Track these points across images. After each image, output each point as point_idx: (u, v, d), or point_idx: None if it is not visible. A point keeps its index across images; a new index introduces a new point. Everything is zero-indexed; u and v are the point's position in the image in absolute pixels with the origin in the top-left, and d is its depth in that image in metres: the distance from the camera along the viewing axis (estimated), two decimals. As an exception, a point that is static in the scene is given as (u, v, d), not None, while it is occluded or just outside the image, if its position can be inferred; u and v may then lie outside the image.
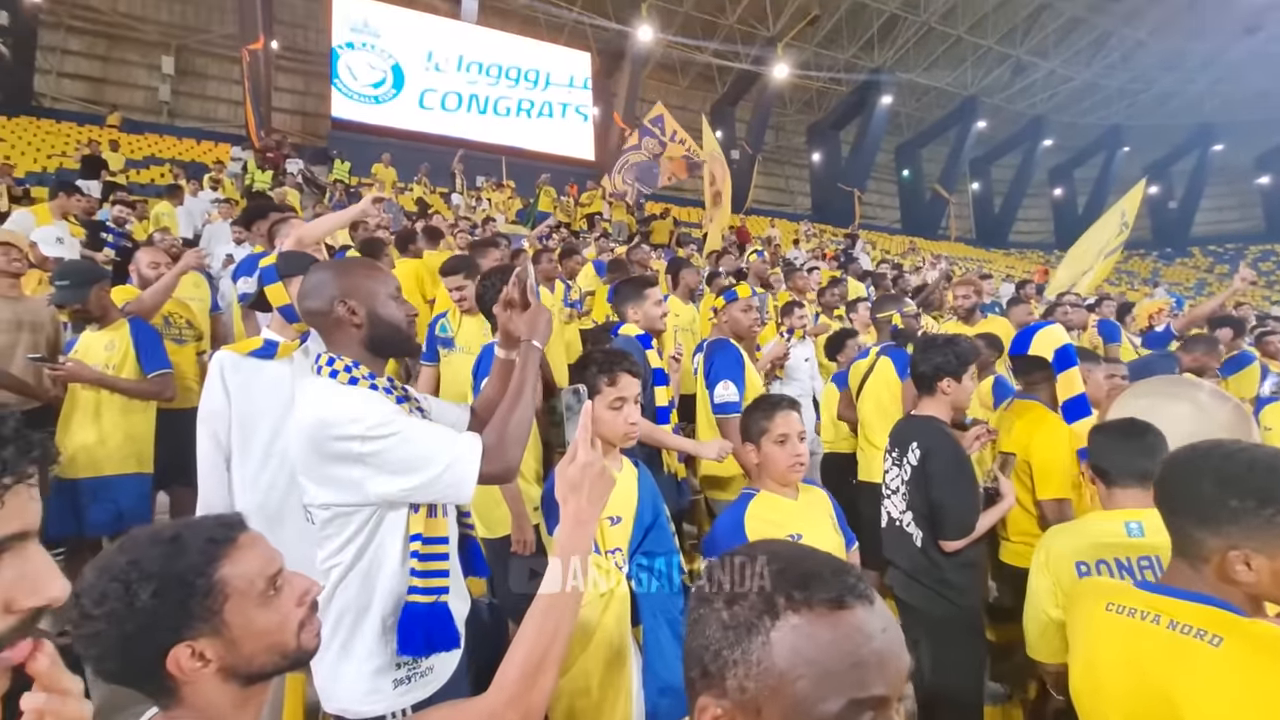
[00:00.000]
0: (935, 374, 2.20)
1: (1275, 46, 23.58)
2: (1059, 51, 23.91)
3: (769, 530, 1.73)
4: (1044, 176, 29.77)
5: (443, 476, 1.21)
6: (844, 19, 21.48)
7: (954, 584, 2.11)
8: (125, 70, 16.98)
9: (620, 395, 1.66)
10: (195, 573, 0.77)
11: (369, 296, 1.35)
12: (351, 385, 1.29)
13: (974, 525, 2.08)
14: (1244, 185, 29.49)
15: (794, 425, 1.81)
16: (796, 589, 0.57)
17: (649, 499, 1.73)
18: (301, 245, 2.52)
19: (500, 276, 2.35)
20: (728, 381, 2.70)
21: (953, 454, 2.12)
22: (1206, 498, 1.04)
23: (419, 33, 16.89)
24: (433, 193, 13.10)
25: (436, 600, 1.33)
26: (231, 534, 0.83)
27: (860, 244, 14.02)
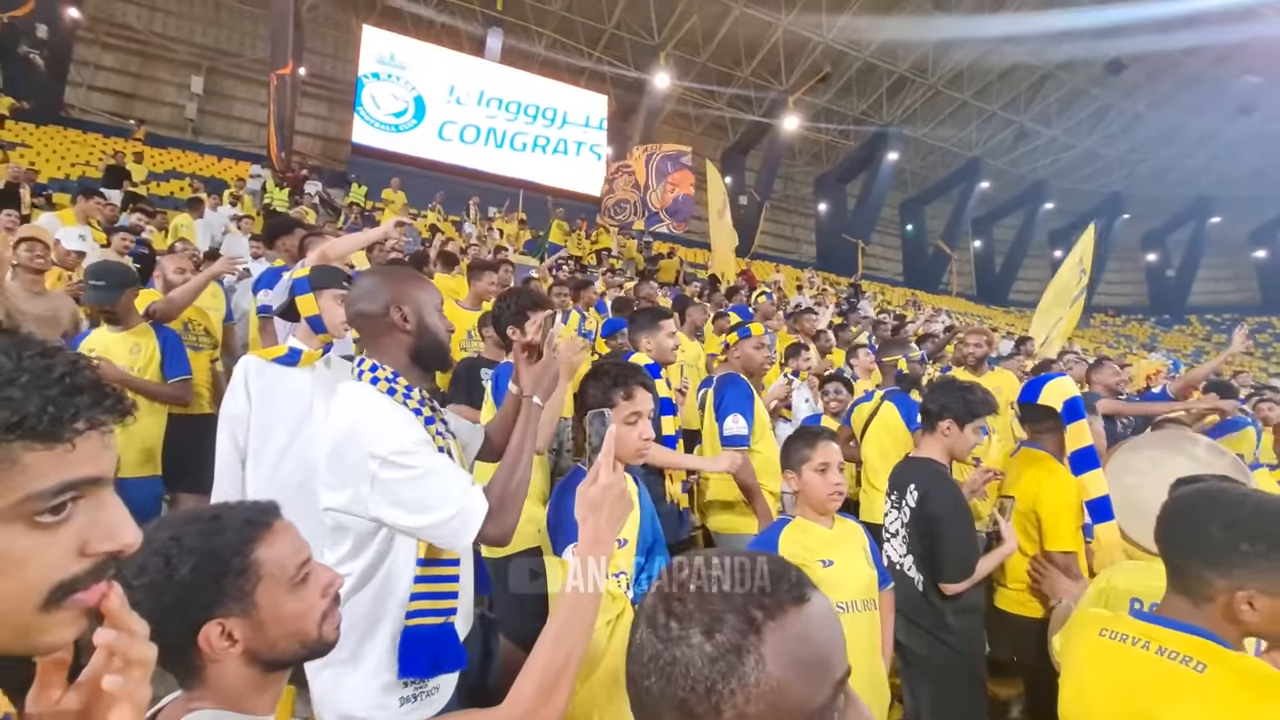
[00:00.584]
0: (939, 413, 2.22)
1: (1270, 126, 24.37)
2: (1061, 120, 24.69)
3: (802, 555, 1.75)
4: (1045, 238, 30.33)
5: (445, 525, 1.21)
6: (855, 78, 22.23)
7: (955, 629, 2.09)
8: (154, 87, 17.49)
9: (636, 410, 1.63)
10: (232, 551, 0.79)
11: (420, 305, 1.37)
12: (389, 396, 1.30)
13: (974, 567, 2.07)
14: (1240, 258, 30.08)
15: (834, 455, 1.86)
16: (764, 595, 0.56)
17: (648, 519, 1.73)
18: (325, 260, 2.58)
19: (516, 298, 2.39)
20: (738, 415, 2.71)
21: (950, 495, 2.13)
22: (1216, 541, 1.07)
23: (443, 67, 17.46)
24: (445, 220, 13.33)
25: (445, 621, 1.32)
26: (268, 519, 0.86)
27: (865, 297, 14.21)
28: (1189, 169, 27.93)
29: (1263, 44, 20.99)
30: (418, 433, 1.26)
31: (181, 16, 17.83)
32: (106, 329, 2.79)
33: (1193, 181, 28.55)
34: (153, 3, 17.48)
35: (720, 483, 2.87)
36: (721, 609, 0.55)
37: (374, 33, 16.80)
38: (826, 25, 19.62)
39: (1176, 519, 1.15)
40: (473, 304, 4.00)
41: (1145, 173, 28.27)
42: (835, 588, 1.73)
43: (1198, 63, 22.20)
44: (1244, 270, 30.24)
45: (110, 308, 2.74)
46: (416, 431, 1.26)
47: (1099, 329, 26.44)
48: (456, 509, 1.20)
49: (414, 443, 1.22)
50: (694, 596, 0.57)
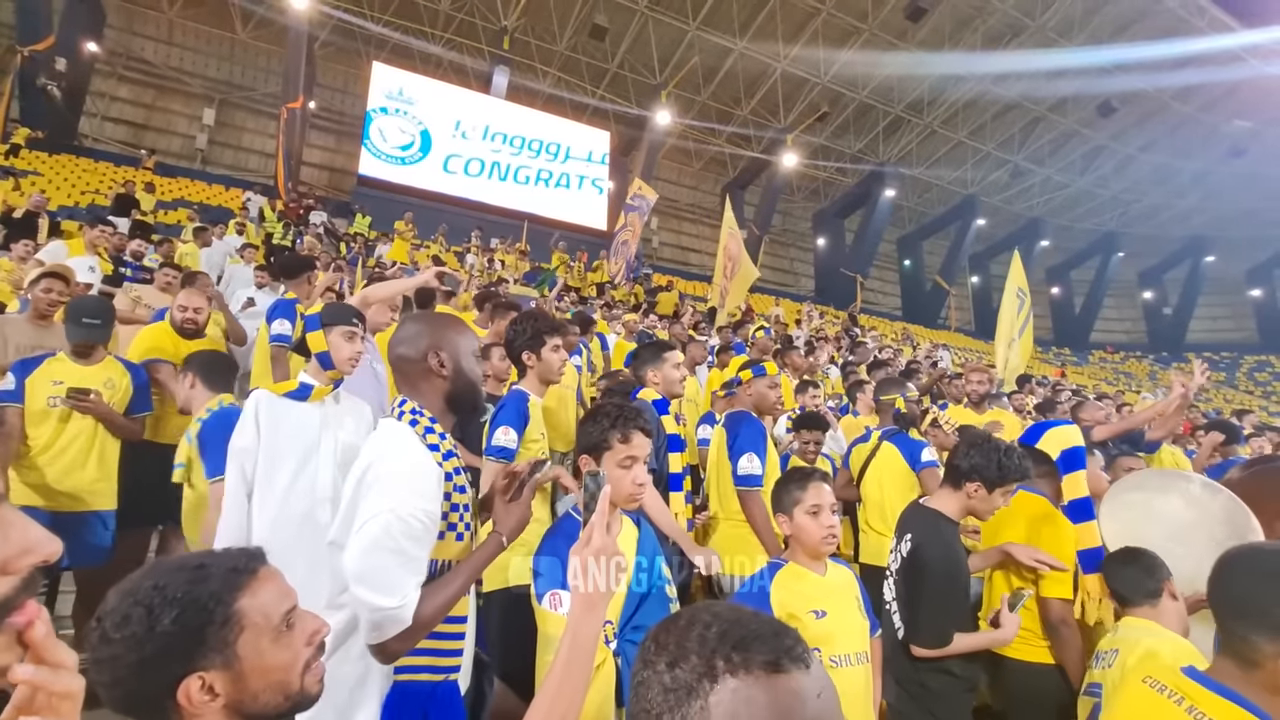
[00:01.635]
0: (968, 473, 2.04)
1: (1261, 169, 24.85)
2: (1054, 160, 25.19)
3: (795, 602, 1.68)
4: (1042, 275, 30.63)
5: (373, 612, 1.15)
6: (852, 117, 22.76)
7: (932, 690, 1.96)
8: (167, 118, 17.90)
9: (631, 454, 1.56)
10: (215, 600, 0.78)
11: (457, 352, 1.40)
12: (425, 436, 1.31)
13: (950, 638, 1.93)
14: (1237, 297, 30.35)
15: (826, 497, 1.78)
16: (735, 650, 0.56)
17: (647, 563, 1.64)
18: (367, 302, 2.66)
19: (533, 323, 2.42)
20: (752, 455, 2.67)
21: (944, 555, 1.98)
22: (1264, 604, 1.05)
23: (450, 103, 17.89)
24: (448, 251, 13.49)
25: (446, 679, 1.29)
26: (253, 565, 0.84)
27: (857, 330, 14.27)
28: (1182, 209, 28.38)
29: (1250, 90, 21.57)
30: (432, 506, 1.24)
31: (198, 52, 18.37)
32: (73, 361, 2.74)
33: (1186, 221, 28.99)
34: (170, 38, 18.02)
35: (727, 523, 2.86)
36: (692, 647, 0.57)
37: (383, 69, 17.27)
38: (824, 66, 20.17)
39: (1230, 581, 1.12)
40: (494, 341, 4.01)
41: (1139, 212, 28.71)
42: (829, 640, 1.66)
43: (1187, 107, 22.78)
44: (1241, 309, 30.48)
45: (102, 344, 2.76)
46: (426, 506, 1.23)
47: (1098, 365, 26.50)
48: (391, 606, 1.15)
49: (415, 521, 1.20)
50: (679, 629, 0.59)
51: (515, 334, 2.43)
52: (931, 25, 19.25)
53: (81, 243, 4.93)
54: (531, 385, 2.42)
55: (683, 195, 25.43)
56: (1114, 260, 29.21)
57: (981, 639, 1.99)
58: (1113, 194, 27.44)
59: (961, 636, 1.95)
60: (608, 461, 1.54)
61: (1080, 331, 30.02)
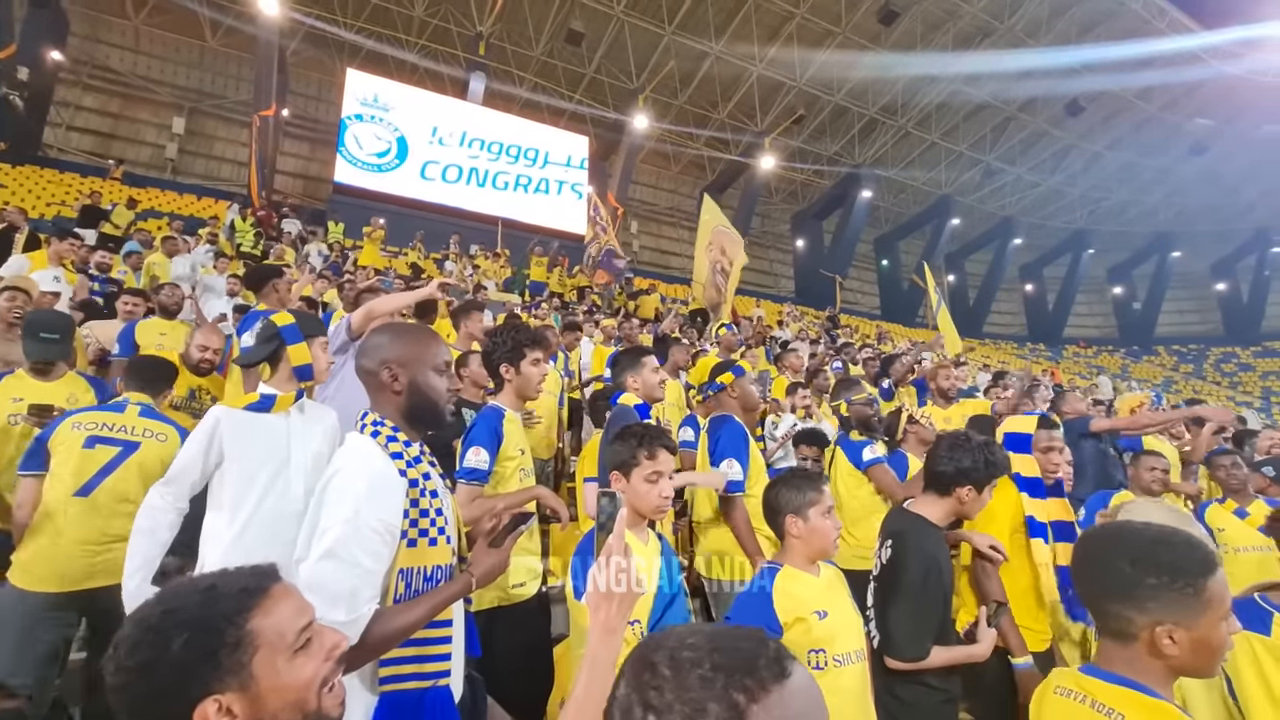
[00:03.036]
0: (956, 478, 1.98)
1: (1221, 165, 25.65)
2: (1025, 159, 25.73)
3: (796, 606, 1.68)
4: (1015, 272, 31.22)
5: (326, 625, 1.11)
6: (827, 120, 23.03)
7: (905, 702, 1.91)
8: (135, 128, 17.52)
9: (657, 469, 1.66)
10: (226, 621, 0.76)
11: (414, 365, 1.38)
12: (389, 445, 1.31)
13: (926, 652, 1.87)
14: (1202, 290, 31.21)
15: (831, 499, 1.84)
16: (745, 676, 0.53)
17: (670, 573, 1.70)
18: (371, 315, 2.62)
19: (514, 334, 2.36)
20: (733, 460, 2.65)
21: (923, 566, 1.91)
22: (1127, 578, 1.09)
23: (426, 109, 17.75)
24: (426, 258, 13.36)
25: (435, 685, 1.27)
26: (265, 584, 0.82)
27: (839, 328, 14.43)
28: (1148, 206, 29.15)
29: (1210, 89, 22.25)
30: (391, 517, 1.23)
31: (166, 60, 18.02)
32: (32, 378, 2.67)
33: (1152, 218, 29.78)
34: (137, 46, 17.67)
35: (715, 530, 2.85)
36: (703, 697, 0.52)
37: (358, 75, 17.08)
38: (799, 69, 20.39)
39: (1088, 560, 1.17)
40: (465, 346, 3.96)
41: (1107, 210, 29.42)
42: (832, 640, 1.66)
43: (1151, 106, 23.43)
44: (1206, 302, 31.35)
45: (63, 360, 2.69)
46: (391, 516, 1.23)
47: (1072, 360, 27.02)
48: (339, 620, 1.11)
49: (370, 531, 1.19)
50: (671, 684, 0.54)
51: (493, 345, 2.36)
52: (903, 28, 19.56)
53: (44, 256, 4.79)
54: (508, 400, 2.35)
55: (662, 199, 25.52)
56: (1085, 257, 29.86)
57: (957, 654, 1.93)
58: (1081, 192, 28.08)
59: (938, 651, 1.90)
60: (635, 477, 1.64)
61: (1054, 327, 30.63)
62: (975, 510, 2.05)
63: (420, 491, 1.31)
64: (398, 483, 1.27)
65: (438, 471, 1.45)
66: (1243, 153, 25.12)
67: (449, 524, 1.37)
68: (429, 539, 1.30)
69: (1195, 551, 1.09)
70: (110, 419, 2.41)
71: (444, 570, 1.33)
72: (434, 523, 1.32)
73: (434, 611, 1.27)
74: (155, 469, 2.37)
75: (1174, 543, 1.10)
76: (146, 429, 2.45)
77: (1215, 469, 3.47)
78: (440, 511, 1.34)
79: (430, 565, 1.30)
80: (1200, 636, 1.05)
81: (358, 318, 2.64)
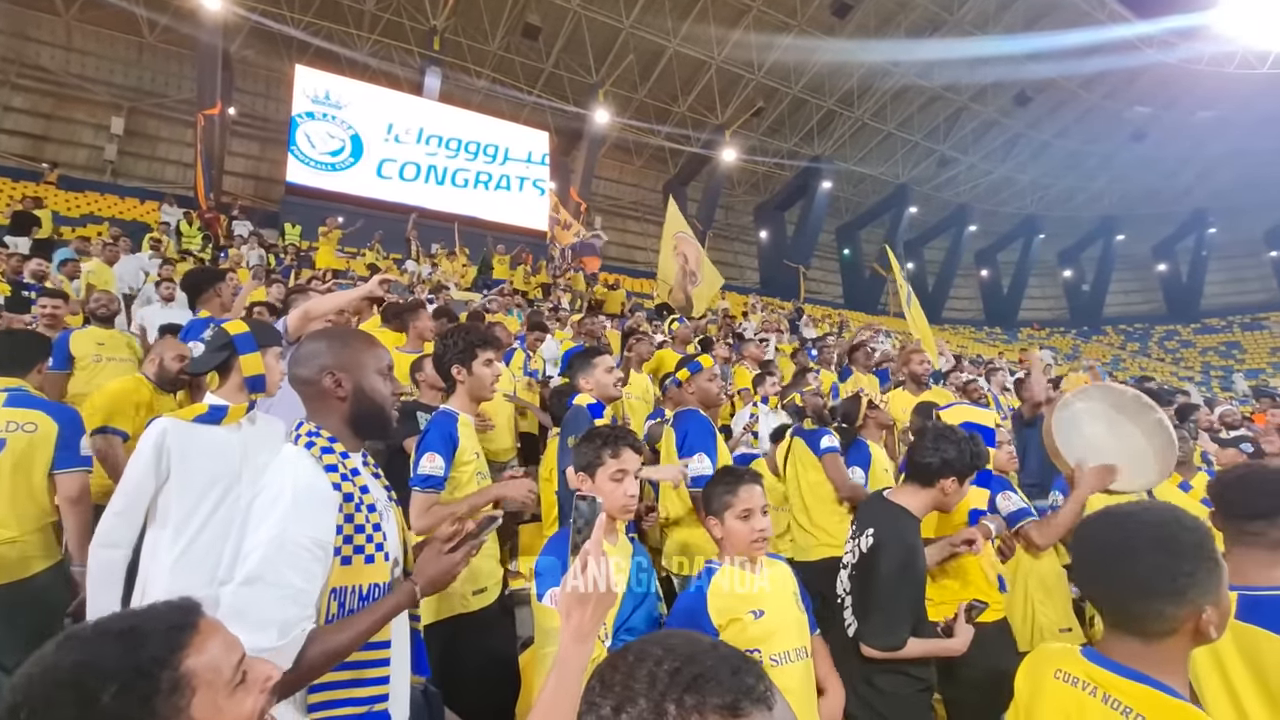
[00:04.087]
0: (940, 469, 2.00)
1: (1159, 151, 26.79)
2: (977, 148, 26.44)
3: (732, 605, 1.67)
4: (971, 258, 32.13)
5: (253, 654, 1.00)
6: (786, 112, 23.26)
7: (883, 691, 1.91)
8: (70, 129, 16.66)
9: (622, 468, 1.67)
10: (160, 665, 0.70)
11: (357, 370, 1.33)
12: (320, 461, 1.25)
13: (903, 642, 1.89)
14: (1146, 271, 32.63)
15: (757, 500, 1.77)
16: (688, 693, 0.51)
17: (641, 576, 1.70)
18: (309, 317, 2.51)
19: (464, 335, 2.30)
20: (702, 454, 2.66)
21: (904, 556, 1.93)
22: (1161, 574, 1.04)
23: (381, 106, 17.30)
24: (386, 258, 13.06)
25: (370, 711, 1.21)
26: (192, 619, 0.76)
27: (805, 318, 14.63)
28: (1093, 191, 30.30)
29: (1148, 78, 23.18)
30: (322, 533, 1.17)
31: (101, 57, 17.15)
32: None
33: (1098, 202, 30.97)
34: (69, 43, 16.77)
35: (681, 528, 2.84)
36: (640, 689, 0.52)
37: (307, 72, 16.54)
38: (757, 62, 20.53)
39: (1128, 563, 1.08)
40: (414, 346, 3.87)
41: (1055, 196, 30.45)
42: (768, 639, 1.66)
43: (1093, 95, 24.30)
44: (1150, 283, 32.78)
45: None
46: (321, 532, 1.17)
47: (1026, 342, 27.96)
48: (266, 646, 1.05)
49: (304, 544, 1.14)
50: (627, 666, 0.55)
51: (445, 347, 2.29)
52: (856, 21, 19.86)
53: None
54: (460, 403, 2.28)
55: (625, 193, 25.44)
56: (1036, 242, 30.90)
57: (934, 646, 1.94)
58: (1031, 179, 29.01)
59: (914, 642, 1.91)
60: (600, 477, 1.66)
61: (1009, 310, 31.65)
62: (955, 502, 2.08)
63: (356, 505, 1.25)
64: (329, 496, 1.21)
65: (382, 483, 1.40)
66: (1179, 138, 26.27)
67: (388, 540, 1.31)
68: (365, 556, 1.24)
69: (1197, 527, 1.07)
70: None
71: (381, 589, 1.27)
72: (370, 538, 1.26)
73: (375, 627, 1.21)
74: (35, 461, 2.26)
75: (1184, 522, 1.06)
76: (10, 421, 2.27)
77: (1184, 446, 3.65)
78: (378, 527, 1.28)
79: (366, 584, 1.24)
80: (1224, 607, 1.04)
81: (294, 320, 2.52)
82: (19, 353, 2.50)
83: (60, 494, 2.30)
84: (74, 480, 2.30)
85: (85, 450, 2.38)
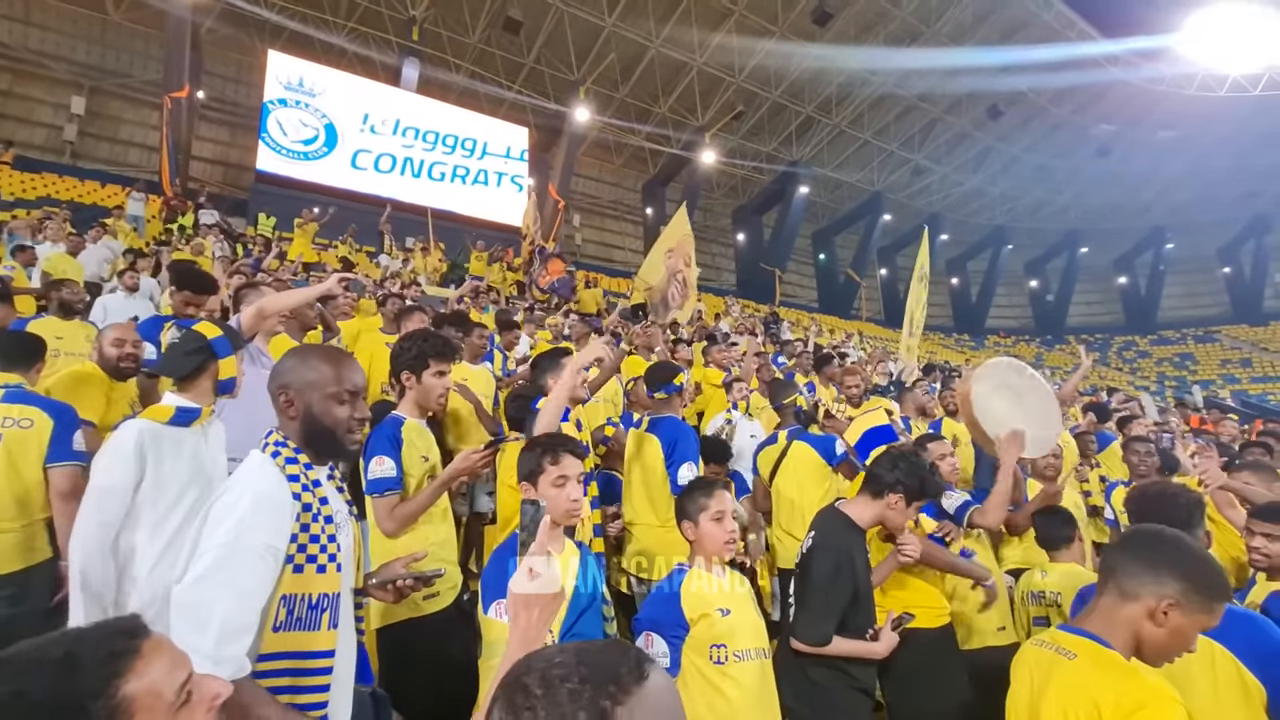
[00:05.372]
0: (891, 485, 2.13)
1: (1123, 167, 27.70)
2: (950, 159, 27.04)
3: (701, 604, 1.78)
4: (942, 266, 32.78)
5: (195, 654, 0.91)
6: (765, 116, 23.46)
7: (818, 685, 2.03)
8: (26, 106, 16.01)
9: (563, 474, 1.70)
10: (93, 696, 0.67)
11: (308, 392, 1.34)
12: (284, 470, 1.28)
13: (826, 639, 2.01)
14: (1106, 283, 33.73)
15: (728, 503, 1.90)
16: (610, 684, 0.56)
17: (587, 583, 1.72)
18: (263, 315, 2.46)
19: (418, 341, 2.28)
20: (691, 464, 2.75)
21: (835, 558, 2.05)
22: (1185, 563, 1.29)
23: (357, 95, 17.00)
24: (358, 251, 12.85)
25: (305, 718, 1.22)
26: (133, 643, 0.73)
27: (784, 323, 14.81)
28: (1059, 204, 31.21)
29: (1114, 96, 23.95)
30: (274, 540, 1.19)
31: (62, 33, 16.50)
32: None
33: (1063, 215, 31.91)
34: (28, 17, 16.10)
35: (643, 531, 2.87)
36: (573, 709, 0.54)
37: (280, 58, 16.16)
38: (738, 66, 20.67)
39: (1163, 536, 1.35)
40: None
41: (1023, 207, 31.29)
42: (733, 635, 1.77)
43: (1062, 111, 25.02)
44: (1110, 294, 33.90)
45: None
46: (274, 538, 1.19)
47: (992, 349, 28.68)
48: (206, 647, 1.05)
49: (256, 549, 1.15)
50: (543, 702, 0.56)
51: (400, 351, 2.28)
52: (837, 30, 20.10)
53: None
54: (407, 408, 2.27)
55: (605, 192, 25.40)
56: (1004, 252, 31.71)
57: (857, 647, 2.05)
58: (1001, 191, 29.75)
59: (840, 640, 2.02)
60: (543, 483, 1.69)
61: (977, 318, 32.42)
62: (901, 522, 2.20)
63: (313, 516, 1.28)
64: (286, 504, 1.24)
65: (345, 498, 1.42)
66: (1141, 156, 27.21)
67: (341, 552, 1.33)
68: (317, 565, 1.26)
69: (1224, 579, 1.29)
70: None
71: (330, 599, 1.28)
72: (324, 549, 1.28)
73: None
74: (28, 457, 2.25)
75: (1216, 566, 1.31)
76: (7, 417, 2.28)
77: (1129, 454, 3.84)
78: (333, 538, 1.31)
79: (316, 593, 1.26)
80: (1179, 629, 1.25)
81: (247, 318, 2.49)
82: (18, 350, 2.51)
83: (52, 489, 2.28)
84: (66, 475, 2.29)
85: (78, 445, 2.36)
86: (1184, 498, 1.84)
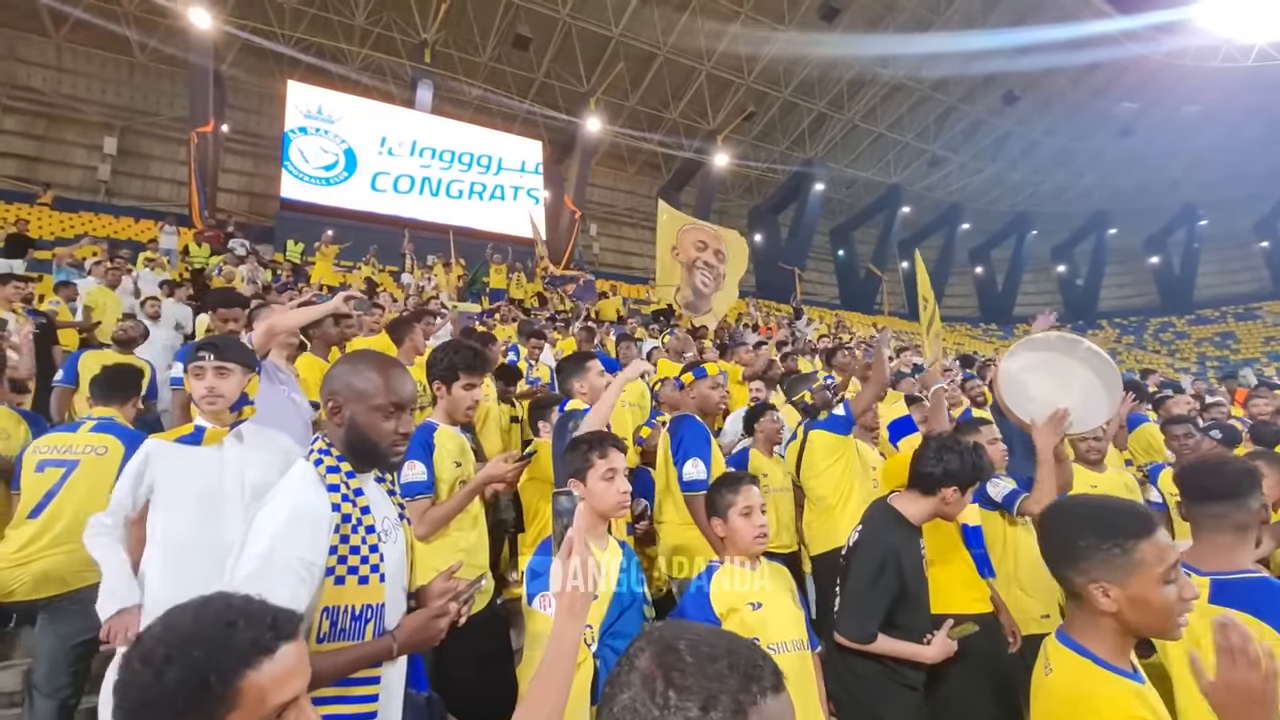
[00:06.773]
0: (943, 479, 2.04)
1: (1146, 146, 26.95)
2: (967, 147, 26.61)
3: (734, 601, 1.77)
4: (965, 256, 32.25)
5: None
6: (777, 116, 23.39)
7: (864, 677, 1.98)
8: (63, 150, 16.71)
9: (611, 467, 1.75)
10: (218, 672, 0.72)
11: (355, 401, 1.34)
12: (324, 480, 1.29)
13: (870, 636, 1.95)
14: (1138, 265, 32.76)
15: (756, 498, 1.89)
16: (753, 682, 0.60)
17: (631, 582, 1.75)
18: (273, 333, 2.54)
19: (450, 353, 2.32)
20: (696, 459, 2.71)
21: (880, 556, 1.99)
22: (1066, 541, 1.25)
23: (373, 119, 17.40)
24: (381, 271, 13.10)
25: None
26: (276, 642, 0.76)
27: (806, 319, 14.68)
28: (1083, 187, 30.47)
29: (1134, 73, 23.36)
30: (311, 554, 1.20)
31: (92, 78, 17.21)
32: None
33: (1088, 198, 31.13)
34: (60, 65, 16.83)
35: (674, 529, 2.87)
36: (717, 689, 0.59)
37: (299, 88, 16.65)
38: (747, 68, 20.67)
39: (1049, 529, 1.32)
40: (408, 360, 3.89)
41: (1047, 192, 30.62)
42: (765, 628, 1.75)
43: (1081, 92, 24.47)
44: (1143, 276, 32.92)
45: None
46: (310, 553, 1.20)
47: (1021, 338, 28.04)
48: None
49: (292, 565, 1.16)
50: (693, 670, 0.60)
51: (432, 361, 2.34)
52: (845, 24, 20.00)
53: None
54: (439, 415, 2.33)
55: (620, 200, 25.53)
56: (1029, 238, 31.05)
57: (903, 648, 1.98)
58: (1022, 176, 29.18)
59: (885, 639, 1.96)
60: (591, 478, 1.75)
61: (1004, 307, 31.74)
62: (956, 511, 2.14)
63: (353, 526, 1.27)
64: (324, 516, 1.23)
65: (395, 501, 1.43)
66: (1166, 133, 26.45)
67: (385, 561, 1.31)
68: (359, 577, 1.26)
69: (1130, 517, 1.19)
70: (61, 440, 2.48)
71: (374, 610, 1.28)
72: (365, 559, 1.27)
73: (343, 671, 1.21)
74: (101, 483, 2.37)
75: (1113, 508, 1.23)
76: (89, 445, 2.47)
77: (1170, 437, 3.74)
78: (375, 548, 1.30)
79: (359, 604, 1.26)
80: (1135, 595, 1.15)
81: (259, 336, 2.54)
82: (115, 385, 2.68)
83: None
84: None
85: None
86: (1230, 466, 1.66)
